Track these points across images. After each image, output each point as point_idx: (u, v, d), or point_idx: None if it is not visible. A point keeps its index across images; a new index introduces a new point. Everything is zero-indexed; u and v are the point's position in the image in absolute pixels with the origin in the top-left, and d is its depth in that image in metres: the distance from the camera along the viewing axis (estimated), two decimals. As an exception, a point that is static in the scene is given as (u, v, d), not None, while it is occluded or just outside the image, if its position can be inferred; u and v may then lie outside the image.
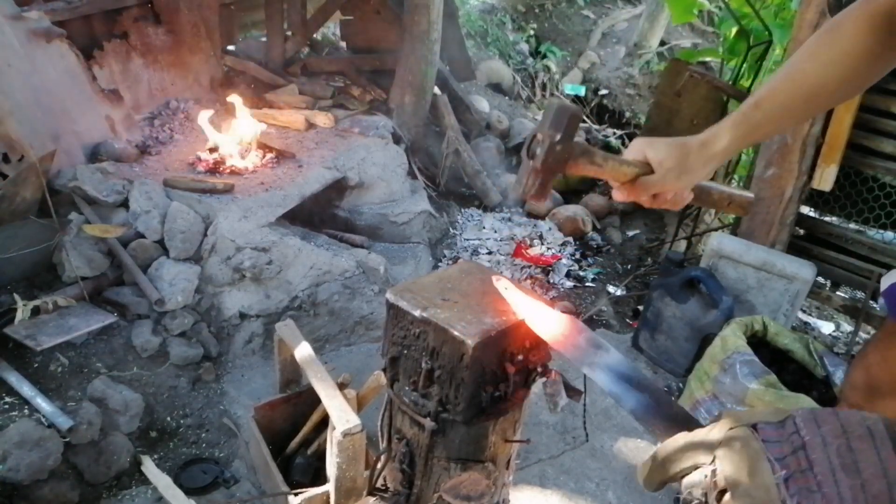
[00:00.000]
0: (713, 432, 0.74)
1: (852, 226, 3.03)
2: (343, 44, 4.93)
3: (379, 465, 1.19)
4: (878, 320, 2.84)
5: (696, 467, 0.74)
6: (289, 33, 4.43)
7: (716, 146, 1.02)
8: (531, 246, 3.91)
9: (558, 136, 0.94)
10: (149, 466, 2.13)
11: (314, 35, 4.73)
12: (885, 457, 0.62)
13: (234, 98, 3.27)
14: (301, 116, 3.65)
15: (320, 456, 1.96)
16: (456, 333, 0.97)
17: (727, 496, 0.69)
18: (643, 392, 0.86)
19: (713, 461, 0.72)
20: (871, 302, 2.84)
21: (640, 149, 1.04)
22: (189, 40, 3.78)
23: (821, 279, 3.15)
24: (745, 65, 4.03)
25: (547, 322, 0.96)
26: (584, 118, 6.87)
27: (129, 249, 2.64)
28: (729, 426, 0.73)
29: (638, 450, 2.48)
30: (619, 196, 1.04)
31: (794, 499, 0.66)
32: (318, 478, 1.95)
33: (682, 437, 0.77)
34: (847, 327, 3.61)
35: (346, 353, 2.91)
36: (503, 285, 1.02)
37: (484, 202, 4.37)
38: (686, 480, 0.74)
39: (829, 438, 0.65)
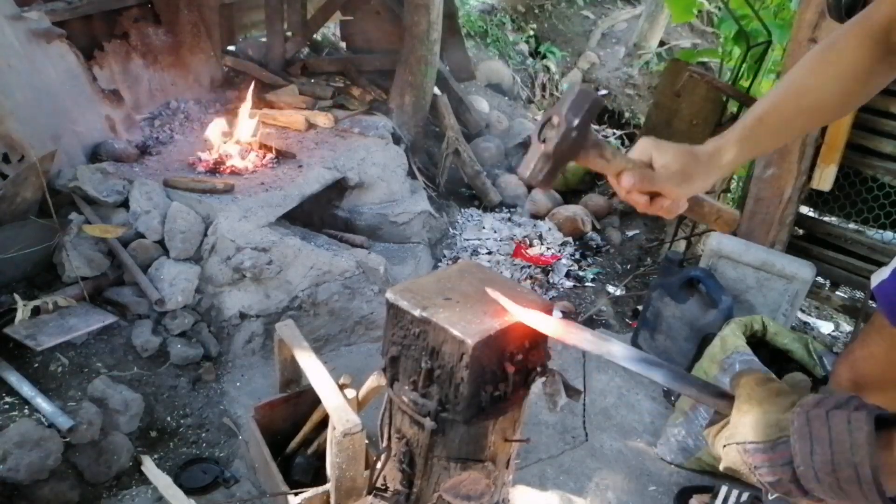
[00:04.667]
0: (718, 442, 0.78)
1: (851, 226, 3.03)
2: (343, 44, 4.93)
3: (379, 465, 1.19)
4: (869, 320, 2.85)
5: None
6: (289, 33, 4.43)
7: (722, 159, 1.02)
8: (531, 246, 3.91)
9: (576, 122, 0.88)
10: (149, 466, 2.13)
11: (314, 35, 4.73)
12: (872, 501, 0.67)
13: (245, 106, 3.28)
14: (301, 116, 3.65)
15: (320, 456, 1.96)
16: (456, 333, 0.97)
17: None
18: (661, 368, 0.88)
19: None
20: (870, 302, 2.84)
21: (646, 149, 1.02)
22: (189, 40, 3.79)
23: (820, 279, 3.15)
24: (744, 65, 4.04)
25: (550, 320, 0.97)
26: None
27: (130, 249, 2.64)
28: (724, 442, 0.78)
29: (638, 450, 2.49)
30: (625, 182, 0.99)
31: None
32: (318, 478, 1.95)
33: (707, 437, 0.84)
34: (846, 327, 3.62)
35: (346, 353, 2.91)
36: (499, 294, 1.02)
37: (484, 202, 4.37)
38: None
39: (822, 475, 0.69)
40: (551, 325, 0.96)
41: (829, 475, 0.68)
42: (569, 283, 3.67)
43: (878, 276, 1.40)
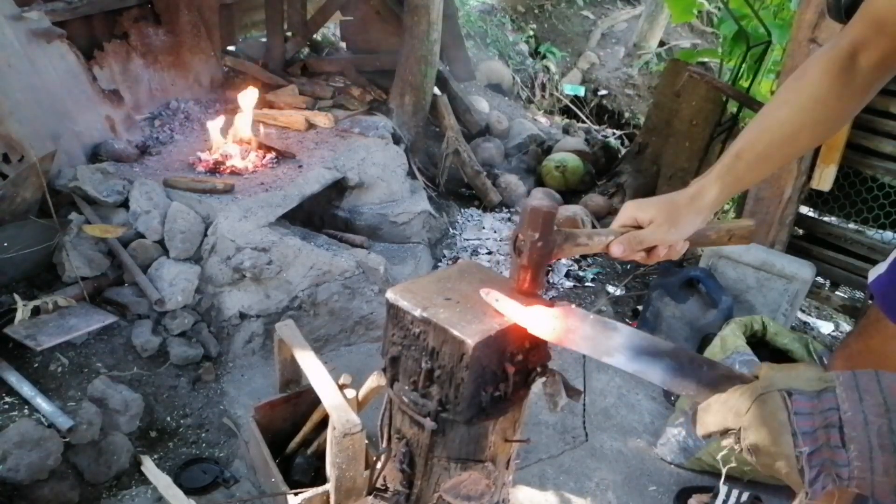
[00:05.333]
0: (745, 396, 0.76)
1: (851, 226, 3.03)
2: (343, 44, 4.93)
3: (379, 465, 1.19)
4: (864, 314, 2.85)
5: (726, 430, 0.78)
6: (289, 34, 4.43)
7: (704, 199, 1.07)
8: (531, 246, 3.91)
9: (536, 236, 1.01)
10: (149, 466, 2.13)
11: (314, 35, 4.73)
12: None
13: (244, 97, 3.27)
14: (301, 117, 3.65)
15: (320, 456, 1.96)
16: (456, 333, 0.97)
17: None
18: (663, 359, 0.87)
19: (740, 427, 0.76)
20: (869, 301, 2.84)
21: (630, 213, 1.09)
22: (189, 40, 3.78)
23: (820, 279, 3.15)
24: (744, 65, 4.04)
25: (547, 322, 0.96)
26: (560, 205, 6.87)
27: (129, 249, 2.64)
28: (760, 391, 0.75)
29: (638, 450, 2.49)
30: (615, 252, 1.07)
31: (815, 470, 0.70)
32: (318, 478, 1.95)
33: (714, 401, 0.81)
34: (846, 327, 3.62)
35: (346, 353, 2.91)
36: (493, 297, 1.01)
37: (484, 202, 4.37)
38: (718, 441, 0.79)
39: (872, 417, 0.68)
40: (549, 323, 0.96)
41: (880, 417, 0.67)
42: (569, 283, 3.67)
43: (875, 272, 1.41)
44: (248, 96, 3.27)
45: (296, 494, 1.75)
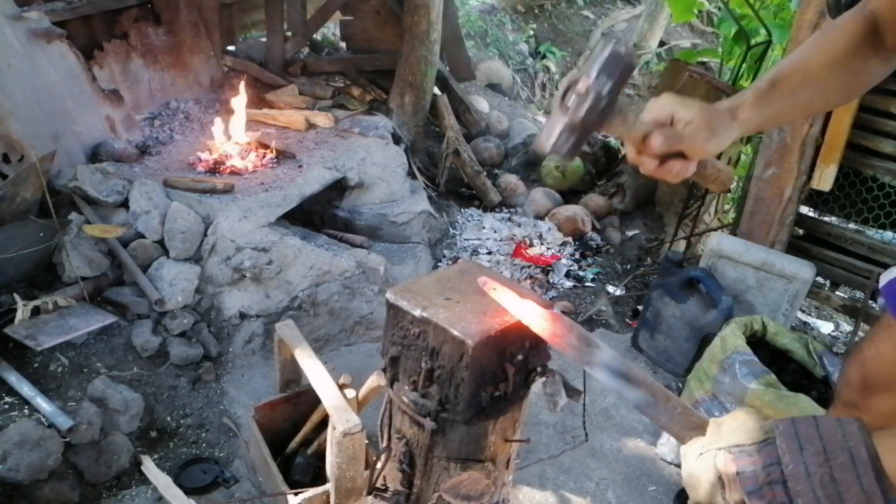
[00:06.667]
0: (692, 452, 0.77)
1: (851, 226, 3.03)
2: (343, 44, 4.93)
3: (379, 465, 1.19)
4: (877, 320, 2.85)
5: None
6: (289, 33, 4.43)
7: (740, 116, 1.00)
8: (531, 246, 3.91)
9: (607, 90, 0.81)
10: (149, 466, 2.13)
11: (314, 35, 4.73)
12: (868, 486, 0.66)
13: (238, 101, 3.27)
14: (301, 116, 3.65)
15: (320, 456, 1.96)
16: (456, 333, 0.97)
17: None
18: (639, 388, 0.87)
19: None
20: (870, 302, 2.84)
21: (668, 108, 0.96)
22: (189, 40, 3.79)
23: (820, 279, 3.15)
24: (744, 65, 4.04)
25: (537, 320, 0.96)
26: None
27: (129, 249, 2.64)
28: (699, 451, 0.76)
29: (638, 450, 2.49)
30: (654, 142, 0.93)
31: None
32: (318, 478, 1.95)
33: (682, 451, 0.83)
34: (846, 327, 3.62)
35: (346, 353, 2.91)
36: (491, 286, 1.02)
37: (484, 202, 4.37)
38: None
39: (813, 468, 0.68)
40: (539, 322, 0.96)
41: (821, 466, 0.67)
42: (569, 283, 3.67)
43: (887, 276, 1.40)
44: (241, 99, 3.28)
45: (296, 494, 1.75)
